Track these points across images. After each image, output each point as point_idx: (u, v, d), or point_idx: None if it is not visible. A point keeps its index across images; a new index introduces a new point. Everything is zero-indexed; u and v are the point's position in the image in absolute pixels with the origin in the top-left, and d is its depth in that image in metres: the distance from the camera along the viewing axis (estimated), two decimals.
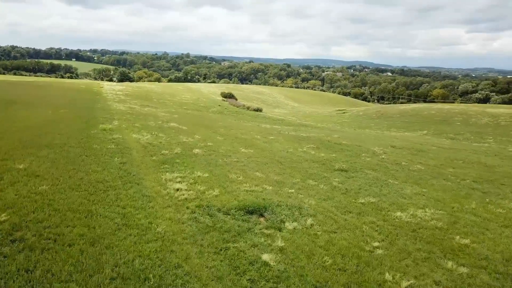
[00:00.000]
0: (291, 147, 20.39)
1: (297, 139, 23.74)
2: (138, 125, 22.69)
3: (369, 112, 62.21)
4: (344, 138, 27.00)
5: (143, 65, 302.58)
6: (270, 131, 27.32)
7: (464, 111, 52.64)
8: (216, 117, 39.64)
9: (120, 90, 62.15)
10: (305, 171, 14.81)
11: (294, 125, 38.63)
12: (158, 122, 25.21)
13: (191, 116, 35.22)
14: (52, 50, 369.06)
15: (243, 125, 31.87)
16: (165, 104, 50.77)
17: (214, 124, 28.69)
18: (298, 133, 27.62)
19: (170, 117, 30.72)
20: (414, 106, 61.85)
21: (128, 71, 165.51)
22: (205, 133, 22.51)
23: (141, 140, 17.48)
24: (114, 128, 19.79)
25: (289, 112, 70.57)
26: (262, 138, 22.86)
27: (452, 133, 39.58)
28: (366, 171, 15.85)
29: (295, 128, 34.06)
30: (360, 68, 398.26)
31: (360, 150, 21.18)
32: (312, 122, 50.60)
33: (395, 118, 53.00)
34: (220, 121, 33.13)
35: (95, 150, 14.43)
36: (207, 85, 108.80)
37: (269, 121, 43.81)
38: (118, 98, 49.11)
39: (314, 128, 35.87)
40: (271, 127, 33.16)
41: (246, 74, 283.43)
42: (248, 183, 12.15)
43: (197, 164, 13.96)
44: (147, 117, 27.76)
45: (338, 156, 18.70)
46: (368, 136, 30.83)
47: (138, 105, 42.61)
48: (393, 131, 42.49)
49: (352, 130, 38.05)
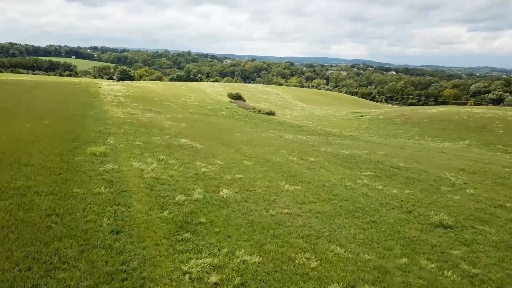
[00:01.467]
0: (345, 176, 15.23)
1: (343, 161, 18.57)
2: (140, 143, 17.54)
3: (390, 116, 57.04)
4: (395, 156, 21.85)
5: (143, 63, 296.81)
6: (301, 147, 22.15)
7: (501, 117, 47.45)
8: (229, 125, 34.47)
9: (119, 90, 56.94)
10: (397, 233, 9.65)
11: (320, 135, 33.47)
12: (165, 137, 20.06)
13: (201, 125, 30.06)
14: (52, 47, 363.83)
15: (264, 137, 26.71)
16: (169, 107, 45.62)
17: (232, 138, 23.52)
18: (336, 149, 22.45)
19: (177, 127, 25.57)
20: (440, 110, 56.66)
21: (128, 69, 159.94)
22: (227, 154, 17.37)
23: (145, 173, 12.33)
24: (108, 152, 14.62)
25: (301, 114, 65.38)
26: (299, 160, 17.70)
27: (501, 143, 34.42)
28: (478, 227, 10.69)
29: (325, 139, 28.88)
30: (364, 67, 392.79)
31: (432, 179, 16.03)
32: (333, 127, 45.43)
33: (424, 124, 47.82)
34: (236, 131, 27.99)
35: (75, 200, 9.29)
36: (211, 84, 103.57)
37: (287, 128, 38.64)
38: (117, 101, 44.00)
39: (346, 139, 30.67)
40: (296, 138, 28.02)
41: (249, 73, 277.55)
42: (328, 277, 6.99)
43: (233, 227, 8.80)
44: (151, 129, 22.59)
45: (415, 194, 13.53)
46: (418, 152, 25.63)
47: (140, 110, 37.48)
48: (430, 141, 37.35)
49: (391, 142, 32.77)
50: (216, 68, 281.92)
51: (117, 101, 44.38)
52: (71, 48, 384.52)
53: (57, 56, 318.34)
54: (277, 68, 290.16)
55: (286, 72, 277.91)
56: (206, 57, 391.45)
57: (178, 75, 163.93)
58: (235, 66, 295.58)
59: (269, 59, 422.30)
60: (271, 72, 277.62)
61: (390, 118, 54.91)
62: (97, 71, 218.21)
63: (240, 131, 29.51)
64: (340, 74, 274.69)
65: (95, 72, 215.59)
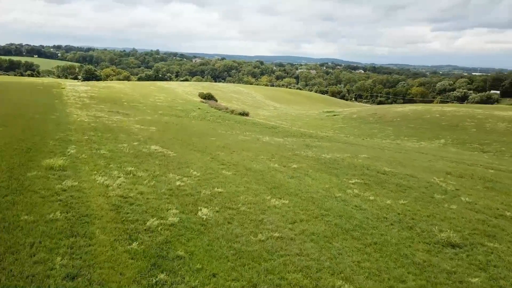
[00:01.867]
0: (332, 185, 14.04)
1: (327, 166, 17.41)
2: (105, 152, 15.75)
3: (363, 115, 56.80)
4: (377, 159, 20.92)
5: (110, 62, 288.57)
6: (281, 151, 20.87)
7: (471, 115, 47.91)
8: (203, 127, 32.82)
9: (84, 91, 54.01)
10: (405, 257, 8.47)
11: (296, 136, 32.34)
12: (133, 144, 18.30)
13: (173, 128, 28.30)
14: (12, 46, 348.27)
15: (241, 140, 25.27)
16: (138, 108, 43.43)
17: (207, 142, 21.97)
18: (317, 153, 21.31)
19: (147, 131, 23.76)
20: (412, 108, 56.90)
21: (94, 69, 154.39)
22: (203, 162, 15.84)
23: (110, 190, 10.67)
24: (67, 164, 12.81)
25: (274, 114, 64.33)
26: (281, 167, 16.39)
27: (476, 142, 34.39)
28: (487, 244, 9.68)
29: (303, 141, 27.74)
30: (333, 66, 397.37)
31: (423, 186, 15.10)
32: (308, 128, 44.52)
33: (398, 123, 47.68)
34: (211, 135, 26.42)
35: (22, 231, 7.59)
36: (181, 83, 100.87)
37: (263, 129, 37.34)
38: (81, 102, 41.47)
39: (324, 140, 29.65)
40: (274, 140, 26.76)
41: (219, 72, 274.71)
42: None
43: (217, 260, 7.34)
44: (118, 135, 20.72)
45: (411, 205, 12.49)
46: (399, 154, 24.86)
47: (106, 112, 35.25)
48: (406, 140, 36.96)
49: (369, 142, 31.97)
50: (185, 67, 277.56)
51: (82, 102, 41.81)
52: (32, 46, 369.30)
53: (18, 55, 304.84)
54: (247, 67, 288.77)
55: (256, 71, 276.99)
56: (175, 56, 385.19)
57: (146, 74, 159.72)
58: (205, 65, 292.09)
59: (240, 58, 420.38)
60: (242, 71, 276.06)
61: (364, 117, 54.62)
62: (61, 71, 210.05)
63: (215, 134, 27.97)
64: (310, 73, 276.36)
65: (59, 72, 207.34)
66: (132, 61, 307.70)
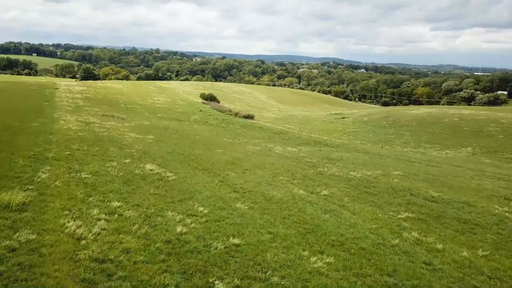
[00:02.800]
0: (381, 224, 10.76)
1: (363, 192, 14.12)
2: (87, 174, 12.46)
3: (375, 118, 53.46)
4: (414, 177, 17.61)
5: (110, 60, 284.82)
6: (301, 168, 17.57)
7: (493, 119, 44.56)
8: (206, 133, 29.51)
9: (79, 92, 50.71)
10: None
11: (310, 144, 29.01)
12: (124, 162, 15.00)
13: (172, 136, 24.97)
14: (11, 44, 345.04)
15: (251, 152, 21.94)
16: (135, 111, 40.14)
17: (213, 157, 18.66)
18: (342, 169, 18.01)
19: (143, 142, 20.47)
20: (427, 111, 53.55)
21: (93, 68, 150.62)
22: (210, 188, 12.54)
23: (82, 248, 7.38)
24: (30, 201, 9.50)
25: (279, 116, 61.01)
26: (308, 194, 13.10)
27: (509, 151, 31.08)
28: None
29: (319, 151, 24.41)
30: (334, 65, 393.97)
31: (491, 222, 11.86)
32: (319, 133, 41.23)
33: (414, 128, 44.34)
34: (216, 144, 23.11)
35: None
36: (181, 83, 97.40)
37: (271, 135, 34.03)
38: (74, 105, 38.18)
39: (342, 150, 26.30)
40: (288, 151, 23.46)
41: (220, 71, 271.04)
42: None
43: None
44: (107, 148, 17.41)
45: (495, 258, 9.21)
46: (432, 168, 21.53)
47: (99, 116, 31.97)
48: (429, 148, 33.63)
49: (390, 152, 28.49)
50: (186, 66, 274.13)
51: (74, 105, 38.51)
52: (32, 45, 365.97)
53: (17, 53, 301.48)
54: (248, 66, 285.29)
55: (257, 71, 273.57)
56: (175, 55, 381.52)
57: (146, 73, 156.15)
58: (206, 64, 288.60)
59: (239, 57, 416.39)
60: (243, 70, 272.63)
61: (376, 121, 51.29)
62: (60, 70, 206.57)
63: (220, 143, 24.66)
64: (312, 72, 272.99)
65: (58, 71, 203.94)
66: (132, 60, 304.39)
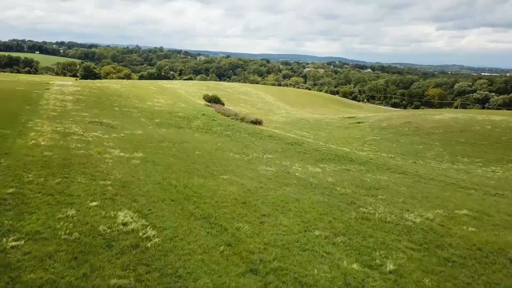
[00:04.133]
0: None
1: (441, 259, 9.47)
2: (16, 241, 7.91)
3: (394, 123, 48.66)
4: (493, 222, 12.97)
5: (113, 59, 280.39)
6: (336, 208, 12.96)
7: None
8: (209, 147, 24.95)
9: (72, 92, 46.30)
10: None
11: (333, 160, 24.37)
12: (88, 206, 10.46)
13: (167, 154, 20.41)
14: (14, 42, 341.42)
15: (264, 177, 17.35)
16: (130, 116, 35.67)
17: (217, 188, 14.08)
18: (390, 207, 13.41)
19: (126, 165, 15.92)
20: (452, 116, 48.74)
21: (93, 66, 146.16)
22: (211, 266, 7.99)
23: None
24: None
25: (288, 120, 56.26)
26: (365, 271, 8.52)
27: None
28: None
29: (348, 171, 19.78)
30: (340, 64, 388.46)
31: None
32: (337, 142, 36.56)
33: (442, 136, 39.56)
34: (221, 165, 18.57)
35: None
36: (184, 83, 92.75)
37: (285, 147, 29.42)
38: (60, 109, 33.81)
39: (373, 168, 21.63)
40: (310, 173, 18.91)
41: (224, 70, 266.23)
42: None
43: None
44: (73, 180, 12.85)
45: None
46: (504, 200, 16.83)
47: (84, 124, 27.51)
48: (468, 163, 28.86)
49: (429, 170, 23.64)
50: (189, 64, 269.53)
51: (61, 109, 34.08)
52: (35, 43, 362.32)
53: (20, 51, 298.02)
54: (253, 65, 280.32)
55: (262, 70, 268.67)
56: (179, 53, 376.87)
57: (148, 72, 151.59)
58: (210, 63, 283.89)
59: (243, 55, 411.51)
60: (247, 70, 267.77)
61: (396, 127, 46.52)
62: (61, 68, 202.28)
63: (226, 162, 20.10)
64: (318, 72, 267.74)
65: (59, 69, 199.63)
66: (135, 58, 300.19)
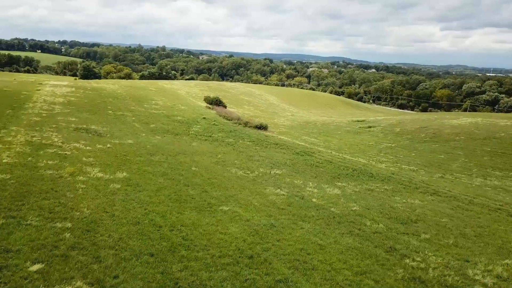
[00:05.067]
0: None
1: None
2: None
3: (409, 129, 45.28)
4: None
5: (114, 58, 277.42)
6: (379, 265, 9.70)
7: None
8: (207, 160, 21.73)
9: (64, 93, 43.16)
10: None
11: (352, 177, 21.11)
12: (29, 270, 7.21)
13: (157, 173, 17.20)
14: (15, 40, 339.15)
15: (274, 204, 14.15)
16: (123, 121, 32.52)
17: (216, 229, 10.85)
18: (448, 258, 10.07)
19: (102, 193, 12.74)
20: (471, 121, 45.35)
21: (93, 66, 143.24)
22: None
23: None
24: None
25: (294, 123, 52.93)
26: None
27: None
28: None
29: (372, 195, 16.55)
30: (344, 64, 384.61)
31: None
32: (350, 151, 33.27)
33: (464, 144, 36.22)
34: (221, 187, 15.39)
35: None
36: (185, 83, 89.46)
37: (295, 159, 26.18)
38: (46, 113, 30.76)
39: (400, 188, 18.35)
40: (329, 197, 15.72)
41: (227, 70, 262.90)
42: None
43: None
44: (26, 215, 9.82)
45: None
46: None
47: (68, 132, 24.36)
48: (504, 179, 25.52)
49: (463, 189, 20.25)
50: (192, 64, 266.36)
51: (46, 113, 30.94)
52: (37, 41, 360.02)
53: (21, 50, 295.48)
54: (256, 65, 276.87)
55: (265, 70, 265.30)
56: (182, 52, 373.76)
57: (149, 72, 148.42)
58: (212, 62, 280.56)
59: (246, 55, 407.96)
60: (250, 69, 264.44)
61: (411, 132, 43.16)
62: (62, 67, 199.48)
63: (227, 183, 16.89)
64: (322, 72, 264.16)
65: (59, 68, 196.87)
66: (137, 57, 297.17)
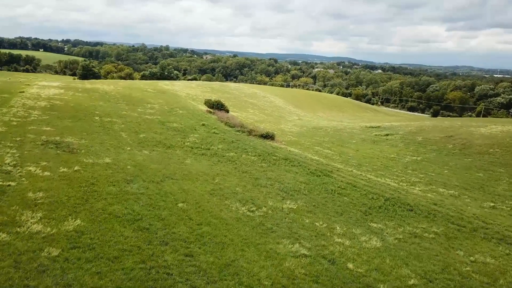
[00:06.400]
0: None
1: None
2: None
3: (431, 138, 40.41)
4: None
5: (117, 57, 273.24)
6: None
7: None
8: (201, 190, 17.09)
9: (50, 96, 38.51)
10: None
11: (387, 212, 16.45)
12: None
13: (126, 224, 12.60)
14: (18, 39, 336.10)
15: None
16: (109, 130, 27.86)
17: None
18: None
19: (33, 259, 8.03)
20: (503, 130, 40.48)
21: (93, 65, 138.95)
22: None
23: None
24: None
25: (303, 130, 48.10)
26: None
27: None
28: None
29: (422, 246, 11.86)
30: (349, 65, 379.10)
31: None
32: (372, 167, 28.51)
33: (503, 158, 31.42)
34: (215, 245, 10.78)
35: None
36: (186, 84, 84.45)
37: (310, 181, 21.47)
38: (17, 121, 26.31)
39: (457, 234, 13.67)
40: (369, 260, 11.06)
41: (230, 70, 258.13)
42: None
43: None
44: None
45: None
46: None
47: (30, 148, 19.79)
48: None
49: None
50: (195, 64, 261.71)
51: (18, 121, 26.34)
52: (40, 40, 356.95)
53: (23, 49, 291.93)
54: (260, 65, 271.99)
55: (270, 70, 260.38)
56: (186, 52, 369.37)
57: (151, 72, 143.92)
58: (216, 62, 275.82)
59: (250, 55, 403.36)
60: (255, 70, 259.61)
61: (436, 142, 38.33)
62: (62, 66, 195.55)
63: (224, 231, 12.26)
64: (328, 72, 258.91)
65: (60, 67, 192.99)
66: (140, 56, 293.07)
